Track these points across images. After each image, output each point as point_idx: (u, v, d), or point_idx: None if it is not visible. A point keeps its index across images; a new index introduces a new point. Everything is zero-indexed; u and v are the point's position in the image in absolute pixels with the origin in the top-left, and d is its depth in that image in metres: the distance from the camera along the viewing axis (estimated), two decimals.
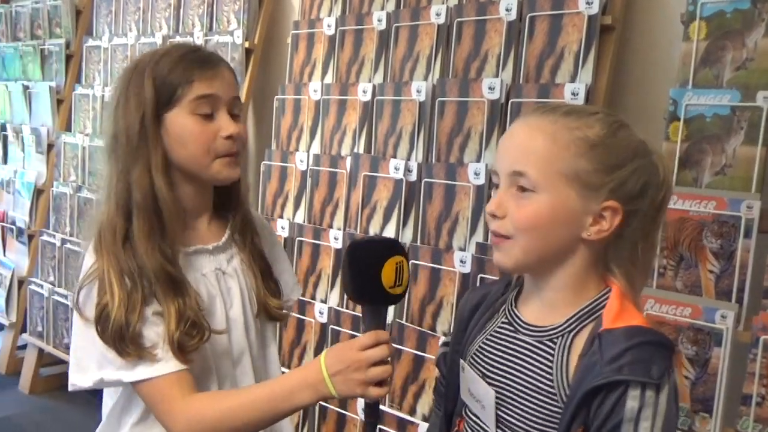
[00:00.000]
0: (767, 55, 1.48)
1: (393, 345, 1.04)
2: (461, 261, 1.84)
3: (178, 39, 2.71)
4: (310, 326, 2.16)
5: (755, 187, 1.46)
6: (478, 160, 1.87)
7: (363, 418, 1.04)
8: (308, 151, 2.30)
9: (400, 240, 1.99)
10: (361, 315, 1.03)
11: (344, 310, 2.09)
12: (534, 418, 0.88)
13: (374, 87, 2.12)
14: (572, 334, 0.89)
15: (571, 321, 0.90)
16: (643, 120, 1.71)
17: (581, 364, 0.85)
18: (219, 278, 1.16)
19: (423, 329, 1.90)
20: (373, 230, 2.07)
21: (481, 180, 1.83)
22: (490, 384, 0.94)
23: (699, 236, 1.50)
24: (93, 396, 1.15)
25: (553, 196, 0.87)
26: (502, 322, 0.98)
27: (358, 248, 1.01)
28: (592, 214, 0.87)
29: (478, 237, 1.83)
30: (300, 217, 2.30)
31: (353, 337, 2.04)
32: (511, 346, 0.94)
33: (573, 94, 1.70)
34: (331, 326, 2.10)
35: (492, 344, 0.97)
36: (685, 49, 1.58)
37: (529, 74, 1.83)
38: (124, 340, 1.04)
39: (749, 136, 1.48)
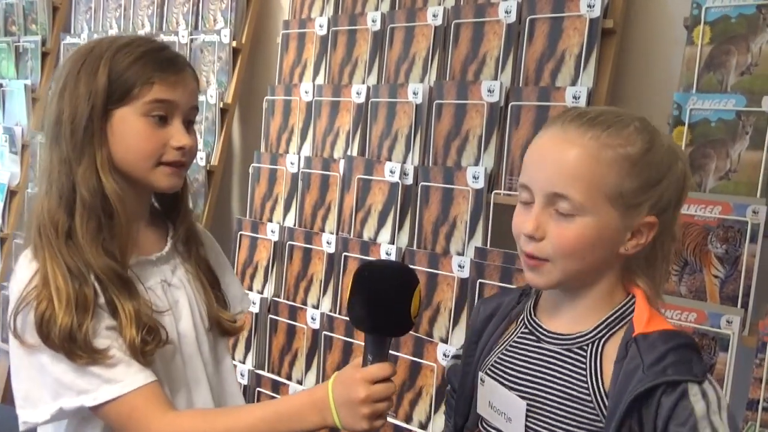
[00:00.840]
0: None
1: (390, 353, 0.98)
2: (459, 266, 1.81)
3: (162, 38, 2.64)
4: (302, 332, 2.11)
5: (760, 192, 1.46)
6: (476, 164, 1.84)
7: None
8: (299, 154, 2.25)
9: (395, 244, 1.96)
10: (365, 343, 0.96)
11: (337, 315, 2.05)
12: (569, 428, 0.86)
13: (368, 89, 2.08)
14: (602, 340, 0.88)
15: (600, 328, 0.88)
16: None
17: (618, 370, 0.84)
18: (165, 290, 1.08)
19: (420, 335, 1.86)
20: (368, 234, 2.03)
21: (480, 184, 1.80)
22: (517, 394, 0.91)
23: (704, 241, 1.49)
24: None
25: (596, 218, 0.84)
26: (522, 332, 0.95)
27: (384, 276, 0.96)
28: (630, 229, 0.86)
29: (477, 241, 1.81)
30: (290, 221, 2.25)
31: (347, 344, 2.00)
32: (536, 355, 0.92)
33: (574, 97, 1.69)
34: (324, 332, 2.06)
35: (514, 355, 0.94)
36: (689, 54, 1.57)
37: (529, 77, 1.81)
38: (75, 341, 0.94)
39: (754, 141, 1.47)
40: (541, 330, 0.93)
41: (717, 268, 1.48)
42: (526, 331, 0.95)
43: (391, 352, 1.90)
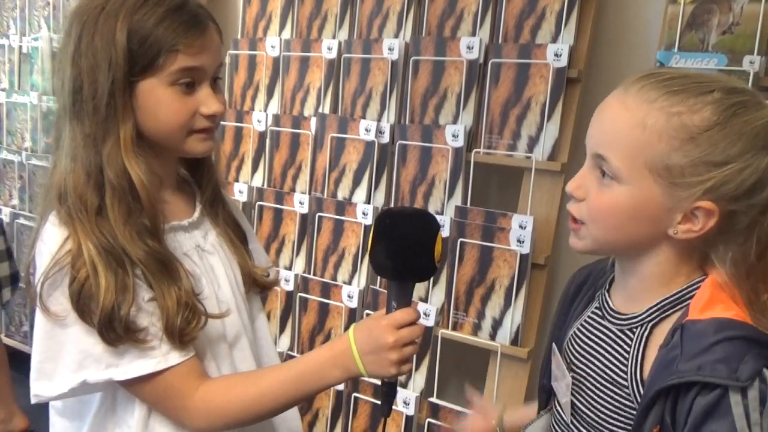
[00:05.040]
0: (753, 20, 1.50)
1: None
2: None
3: None
4: (274, 295, 2.07)
5: None
6: (454, 122, 1.82)
7: (383, 396, 0.99)
8: (266, 111, 2.18)
9: (371, 203, 1.93)
10: (388, 290, 0.96)
11: (311, 276, 2.02)
12: (605, 410, 0.83)
13: (340, 44, 2.02)
14: (651, 324, 0.80)
15: (652, 310, 0.81)
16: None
17: (658, 357, 0.77)
18: (201, 255, 1.04)
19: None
20: (342, 194, 2.00)
21: (460, 142, 1.79)
22: (571, 370, 0.89)
23: None
24: (24, 376, 1.00)
25: (635, 189, 0.76)
26: (595, 308, 0.90)
27: (406, 222, 0.94)
28: (682, 211, 0.75)
29: (456, 200, 1.80)
30: (258, 181, 2.19)
31: (323, 305, 1.98)
32: (597, 333, 0.87)
33: (556, 55, 1.68)
34: (299, 294, 2.03)
35: (583, 330, 0.90)
36: (672, 12, 1.58)
37: (508, 34, 1.78)
38: (112, 326, 0.89)
39: None
40: (606, 306, 0.87)
41: None
42: (597, 306, 0.89)
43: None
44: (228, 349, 1.05)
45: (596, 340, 0.87)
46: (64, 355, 0.92)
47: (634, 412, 0.78)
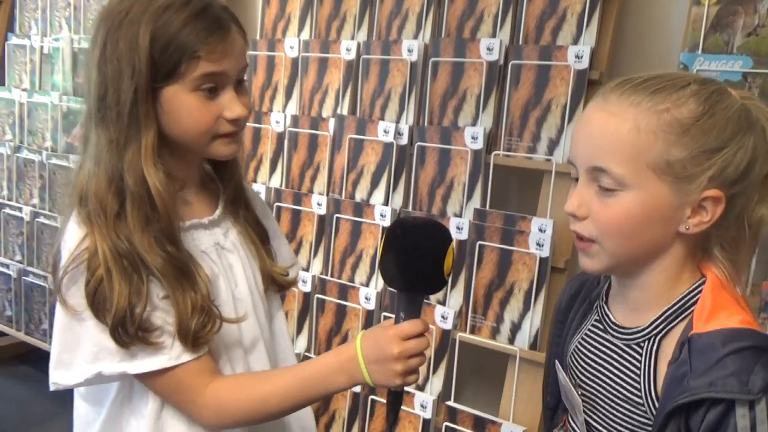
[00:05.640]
0: None
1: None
2: (457, 227, 1.79)
3: None
4: (292, 296, 2.07)
5: None
6: (473, 124, 1.81)
7: (389, 405, 0.98)
8: (284, 112, 2.18)
9: (389, 205, 1.93)
10: (396, 301, 0.95)
11: (329, 278, 2.02)
12: (622, 428, 0.82)
13: (359, 45, 2.02)
14: (659, 337, 0.80)
15: (657, 323, 0.80)
16: None
17: (668, 374, 0.76)
18: (219, 254, 1.05)
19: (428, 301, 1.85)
20: (360, 195, 1.99)
21: (479, 144, 1.78)
22: (579, 388, 0.88)
23: None
24: (43, 374, 1.03)
25: (642, 192, 0.76)
26: (595, 320, 0.89)
27: (418, 232, 0.93)
28: (690, 205, 0.76)
29: (475, 203, 1.79)
30: (276, 182, 2.19)
31: (341, 307, 1.98)
32: (601, 348, 0.86)
33: (577, 57, 1.66)
34: (317, 295, 2.03)
35: (585, 345, 0.89)
36: (696, 13, 1.56)
37: (528, 35, 1.77)
38: (124, 328, 0.91)
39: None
40: (607, 319, 0.86)
41: None
42: (597, 319, 0.88)
43: (390, 314, 1.89)
44: (243, 353, 1.06)
45: (602, 356, 0.85)
46: (81, 347, 0.95)
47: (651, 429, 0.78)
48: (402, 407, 1.85)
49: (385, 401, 1.88)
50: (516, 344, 1.72)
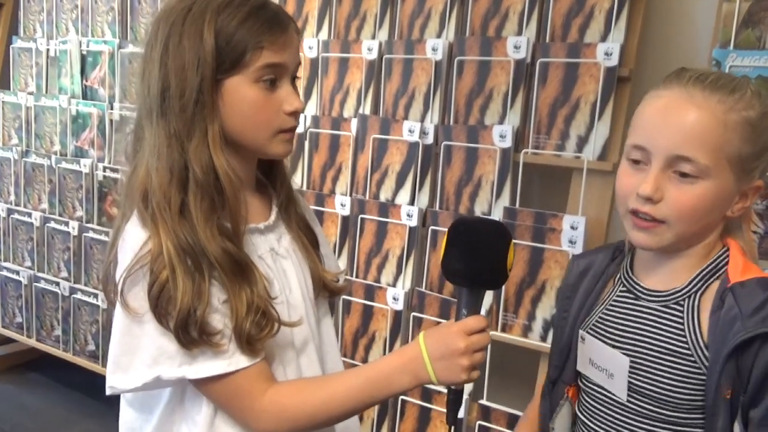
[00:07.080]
0: None
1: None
2: None
3: None
4: None
5: None
6: (500, 122, 1.81)
7: (449, 404, 0.99)
8: (304, 113, 2.16)
9: (415, 204, 1.92)
10: (458, 297, 0.96)
11: (354, 279, 2.01)
12: (671, 382, 0.89)
13: (380, 44, 2.01)
14: (698, 294, 0.90)
15: (695, 281, 0.91)
16: None
17: (715, 321, 0.86)
18: (275, 259, 1.04)
19: (444, 296, 1.85)
20: (384, 196, 1.99)
21: (508, 143, 1.77)
22: (619, 350, 0.94)
23: None
24: (54, 381, 1.02)
25: (716, 181, 0.86)
26: (621, 291, 0.98)
27: (481, 229, 0.96)
28: (740, 193, 0.89)
29: (504, 201, 1.79)
30: (297, 183, 2.18)
31: (367, 308, 1.97)
32: (636, 313, 0.95)
33: (606, 54, 1.66)
34: (343, 296, 2.02)
35: (614, 313, 0.97)
36: (727, 9, 1.56)
37: (555, 33, 1.77)
38: (187, 328, 0.91)
39: None
40: (639, 288, 0.95)
41: (756, 224, 1.51)
42: (624, 289, 0.97)
43: (421, 315, 1.88)
44: (295, 355, 1.05)
45: (638, 320, 0.94)
46: (141, 351, 0.94)
47: (703, 378, 0.86)
48: (433, 406, 1.87)
49: (414, 401, 1.89)
50: (548, 342, 1.72)
